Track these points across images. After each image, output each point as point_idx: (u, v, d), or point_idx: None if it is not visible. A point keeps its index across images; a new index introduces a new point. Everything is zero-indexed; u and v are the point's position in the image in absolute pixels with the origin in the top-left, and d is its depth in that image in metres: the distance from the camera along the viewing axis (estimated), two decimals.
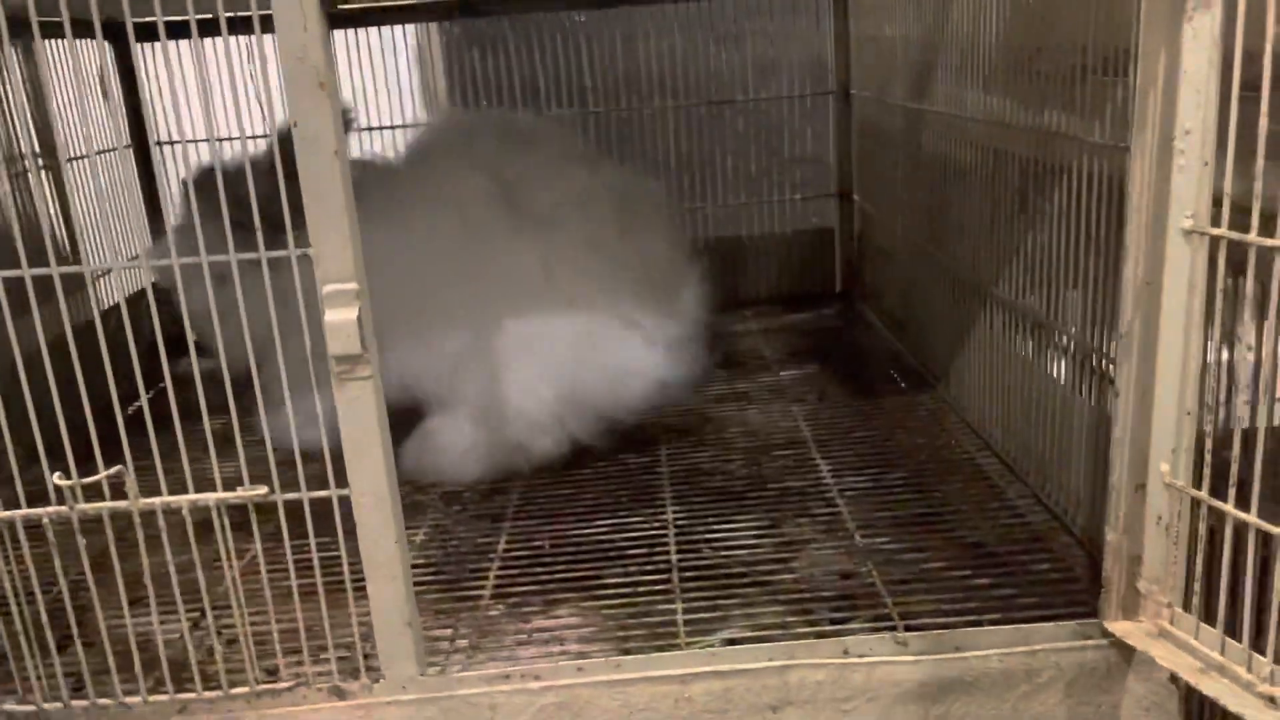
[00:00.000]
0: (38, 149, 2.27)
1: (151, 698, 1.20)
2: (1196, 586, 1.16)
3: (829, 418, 2.00)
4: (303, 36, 1.03)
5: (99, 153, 2.44)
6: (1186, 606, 1.17)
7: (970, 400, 1.89)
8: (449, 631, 1.36)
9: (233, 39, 1.05)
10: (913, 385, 2.13)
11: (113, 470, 1.11)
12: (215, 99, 1.08)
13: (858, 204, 2.75)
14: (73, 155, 2.31)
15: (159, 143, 2.64)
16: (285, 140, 1.07)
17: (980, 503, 1.61)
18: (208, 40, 1.05)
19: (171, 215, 2.38)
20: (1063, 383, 1.47)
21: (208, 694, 1.20)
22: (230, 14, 1.03)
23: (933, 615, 1.30)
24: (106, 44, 2.49)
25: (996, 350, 1.73)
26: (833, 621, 1.31)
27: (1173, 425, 1.14)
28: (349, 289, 1.09)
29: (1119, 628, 1.22)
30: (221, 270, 1.11)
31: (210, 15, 1.04)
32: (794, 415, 2.03)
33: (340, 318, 1.09)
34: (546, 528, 1.63)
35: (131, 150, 2.62)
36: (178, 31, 1.06)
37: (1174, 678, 1.18)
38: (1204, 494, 1.12)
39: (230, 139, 1.12)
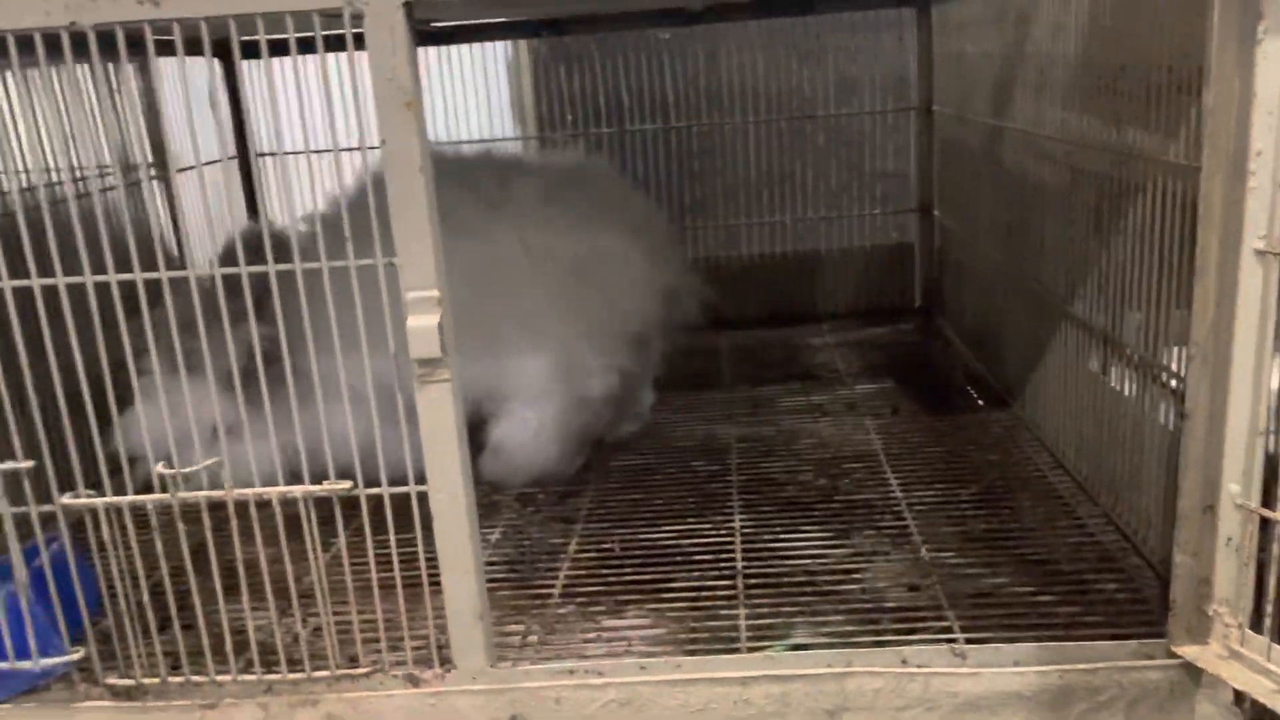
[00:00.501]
0: (150, 159, 2.41)
1: (241, 677, 1.28)
2: (1269, 608, 1.15)
3: (902, 432, 2.01)
4: (392, 59, 1.10)
5: (206, 164, 2.57)
6: (1257, 628, 1.16)
7: (1044, 418, 1.88)
8: (519, 627, 1.41)
9: (330, 57, 1.12)
10: (988, 402, 2.13)
11: (211, 461, 1.19)
12: (312, 114, 1.15)
13: (938, 219, 2.74)
14: (182, 166, 2.44)
15: (260, 155, 2.77)
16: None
17: (1050, 521, 1.60)
18: (290, 57, 1.13)
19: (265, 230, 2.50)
20: (1135, 403, 1.46)
21: (292, 676, 1.27)
22: (326, 33, 1.10)
23: (995, 630, 1.30)
24: (215, 61, 2.62)
25: (1071, 368, 1.72)
26: (895, 633, 1.32)
27: (1243, 446, 1.14)
28: (431, 296, 1.16)
29: (1187, 650, 1.21)
30: None
31: (310, 34, 1.11)
32: (867, 429, 2.04)
33: (422, 323, 1.15)
34: (616, 531, 1.68)
35: (235, 162, 2.75)
36: (279, 49, 1.14)
37: (1240, 699, 1.17)
38: (1276, 514, 1.11)
39: (325, 151, 1.19)
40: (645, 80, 2.72)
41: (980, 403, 2.14)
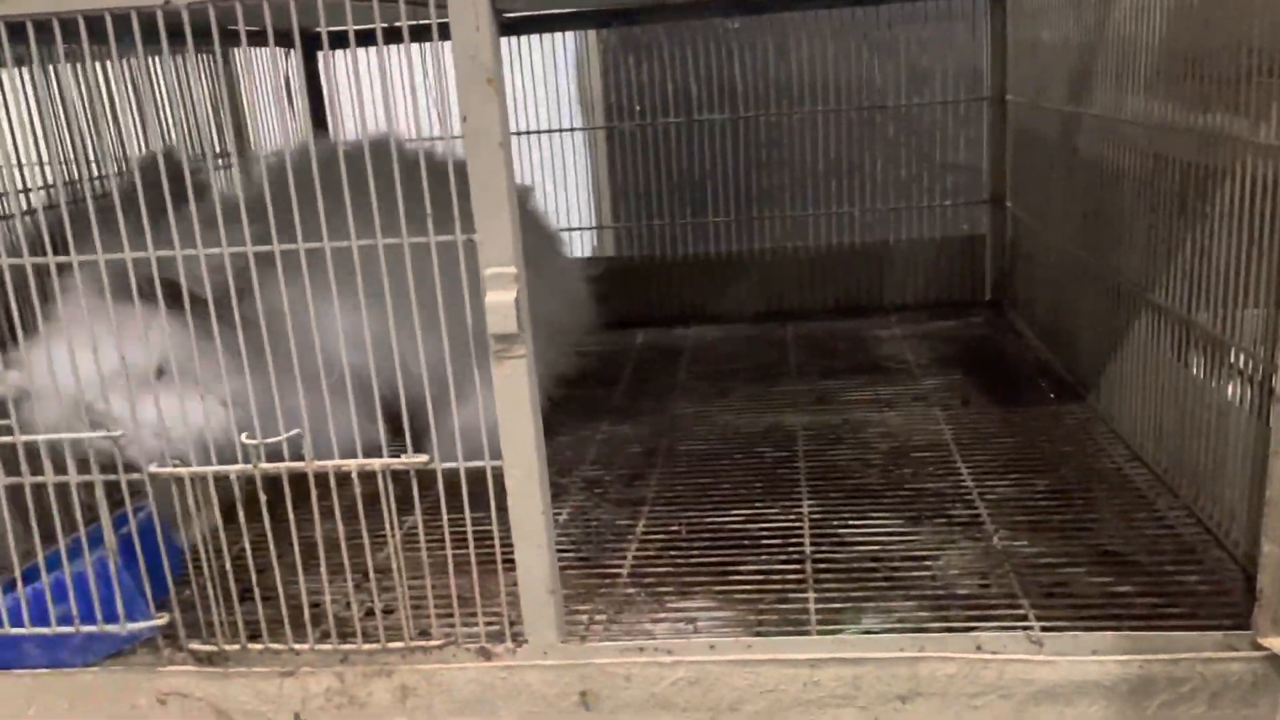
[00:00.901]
0: (233, 147, 2.47)
1: (318, 647, 1.30)
2: None
3: (972, 423, 1.98)
4: (475, 36, 1.11)
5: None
6: None
7: (1121, 410, 1.84)
8: (587, 607, 1.42)
9: (404, 46, 1.14)
10: (1061, 395, 2.09)
11: (292, 432, 1.22)
12: (393, 101, 1.17)
13: (1010, 210, 2.70)
14: (265, 153, 2.50)
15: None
16: None
17: (1127, 513, 1.57)
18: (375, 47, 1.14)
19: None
20: (1220, 393, 1.43)
21: (367, 646, 1.30)
22: (412, 22, 1.12)
23: (1071, 620, 1.28)
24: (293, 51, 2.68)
25: (1150, 359, 1.68)
26: (967, 619, 1.31)
27: None
28: (509, 272, 1.17)
29: (1273, 642, 1.18)
30: None
31: (396, 24, 1.13)
32: (936, 419, 2.02)
33: (500, 299, 1.16)
34: (683, 514, 1.68)
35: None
36: (355, 39, 1.15)
37: None
38: None
39: (408, 140, 1.21)
40: (714, 70, 2.71)
41: (1053, 395, 2.10)
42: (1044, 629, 1.25)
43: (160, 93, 2.03)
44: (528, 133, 2.77)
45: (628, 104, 2.78)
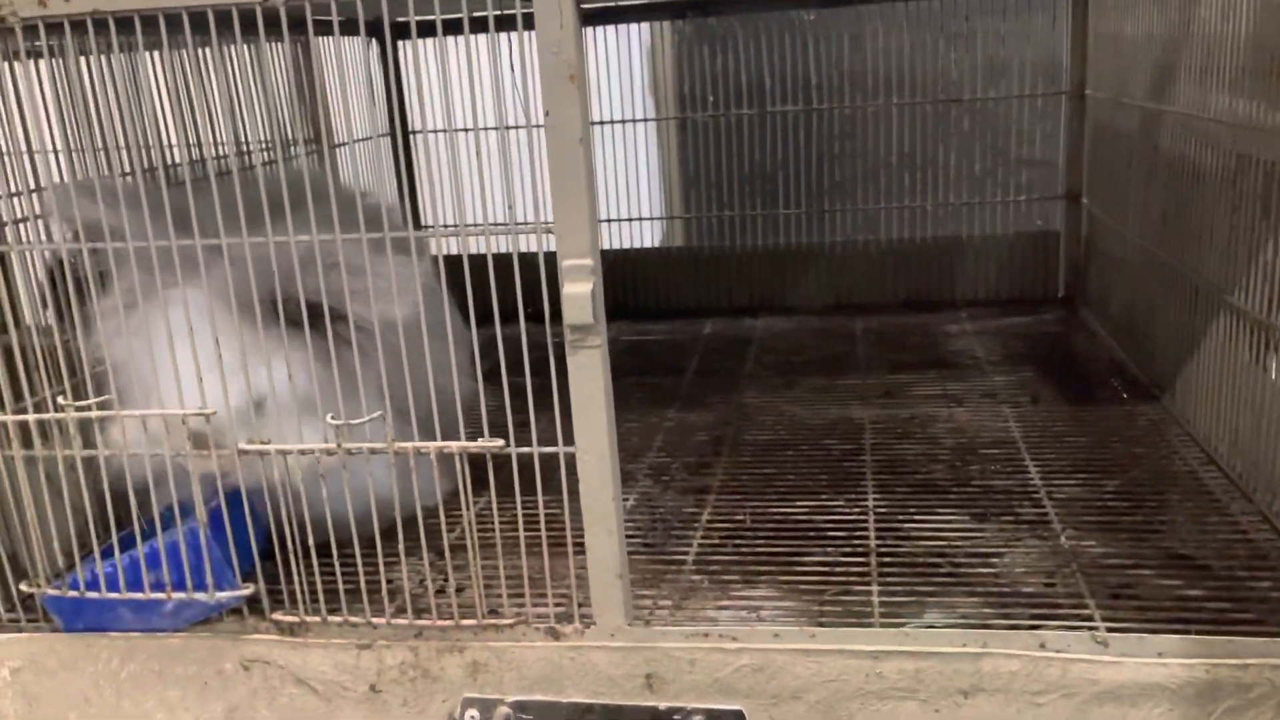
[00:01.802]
0: (310, 135, 2.53)
1: (394, 621, 1.35)
2: None
3: (1042, 421, 1.97)
4: (558, 33, 1.14)
5: (360, 140, 2.69)
6: None
7: (1196, 412, 1.81)
8: (652, 592, 1.45)
9: (480, 36, 1.17)
10: (1135, 395, 2.06)
11: (375, 415, 1.26)
12: (471, 92, 1.20)
13: (1086, 207, 2.66)
14: (339, 141, 2.56)
15: (413, 132, 2.88)
16: None
17: (1199, 516, 1.55)
18: (450, 38, 1.17)
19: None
20: None
21: (441, 622, 1.34)
22: (499, 12, 1.15)
23: (1138, 622, 1.28)
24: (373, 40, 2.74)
25: (1227, 362, 1.66)
26: (1031, 618, 1.31)
27: None
28: (585, 264, 1.20)
29: None
30: None
31: (483, 14, 1.16)
32: (1005, 417, 2.01)
33: (577, 290, 1.19)
34: (749, 504, 1.70)
35: (390, 138, 2.86)
36: (429, 30, 1.18)
37: None
38: None
39: (485, 129, 1.24)
40: (788, 62, 2.71)
41: (1125, 395, 2.08)
42: (1109, 630, 1.25)
43: (257, 83, 2.11)
44: (599, 123, 2.80)
45: (700, 95, 2.80)
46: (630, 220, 2.90)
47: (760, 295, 2.87)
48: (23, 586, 1.41)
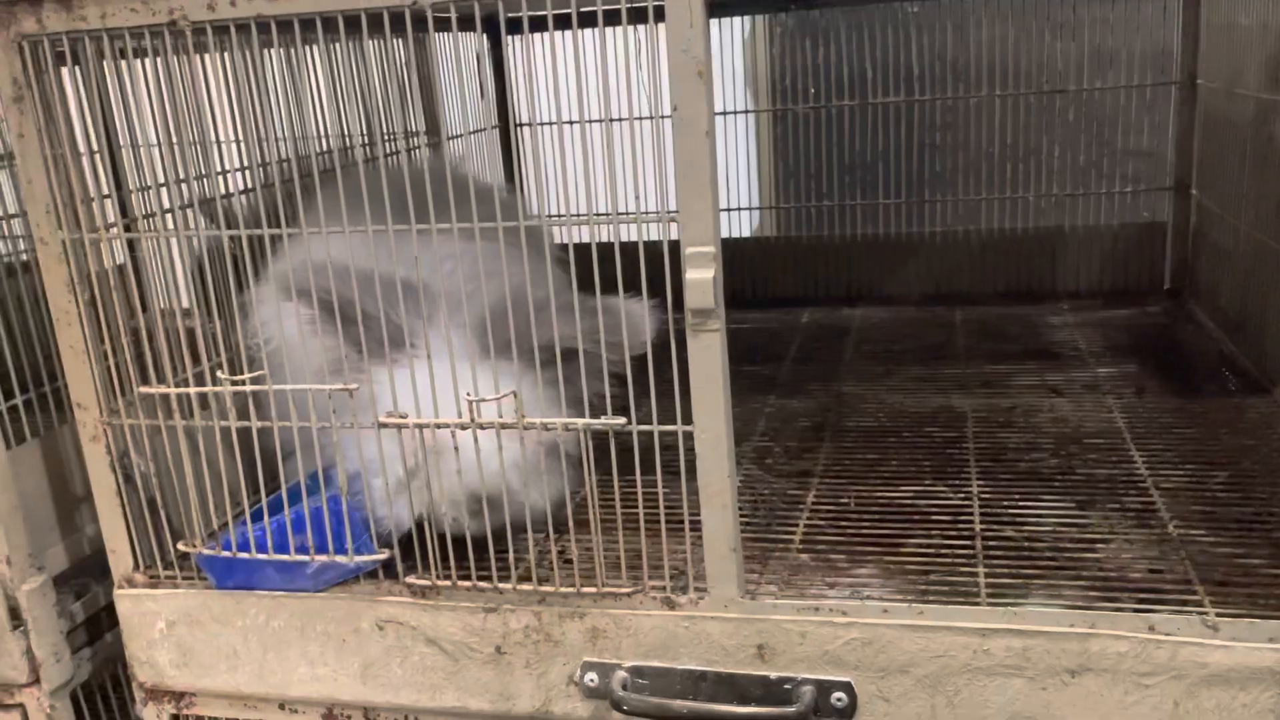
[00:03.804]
0: (423, 128, 2.64)
1: (519, 587, 1.43)
2: None
3: (1148, 413, 1.97)
4: (688, 31, 1.20)
5: (472, 132, 2.80)
6: None
7: None
8: (759, 568, 1.51)
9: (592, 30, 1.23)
10: (1245, 388, 2.05)
11: (507, 393, 1.34)
12: (604, 84, 1.27)
13: (1195, 198, 2.63)
14: (451, 134, 2.67)
15: (518, 125, 2.97)
16: None
17: None
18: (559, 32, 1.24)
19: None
20: None
21: (563, 590, 1.42)
22: (630, 4, 1.21)
23: (1248, 609, 1.29)
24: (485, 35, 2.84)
25: None
26: (1138, 603, 1.33)
27: None
28: (708, 251, 1.26)
29: None
30: None
31: (614, 6, 1.22)
32: (1109, 408, 2.01)
33: (699, 276, 1.25)
34: (853, 487, 1.74)
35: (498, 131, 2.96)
36: (540, 23, 1.25)
37: None
38: None
39: (593, 121, 1.29)
40: (890, 53, 2.73)
41: (1235, 388, 2.06)
42: (1219, 615, 1.27)
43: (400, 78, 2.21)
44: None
45: (801, 86, 2.83)
46: (729, 210, 2.95)
47: (858, 285, 2.89)
48: (180, 546, 1.53)
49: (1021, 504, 1.63)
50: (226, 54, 1.48)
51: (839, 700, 1.35)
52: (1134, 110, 2.67)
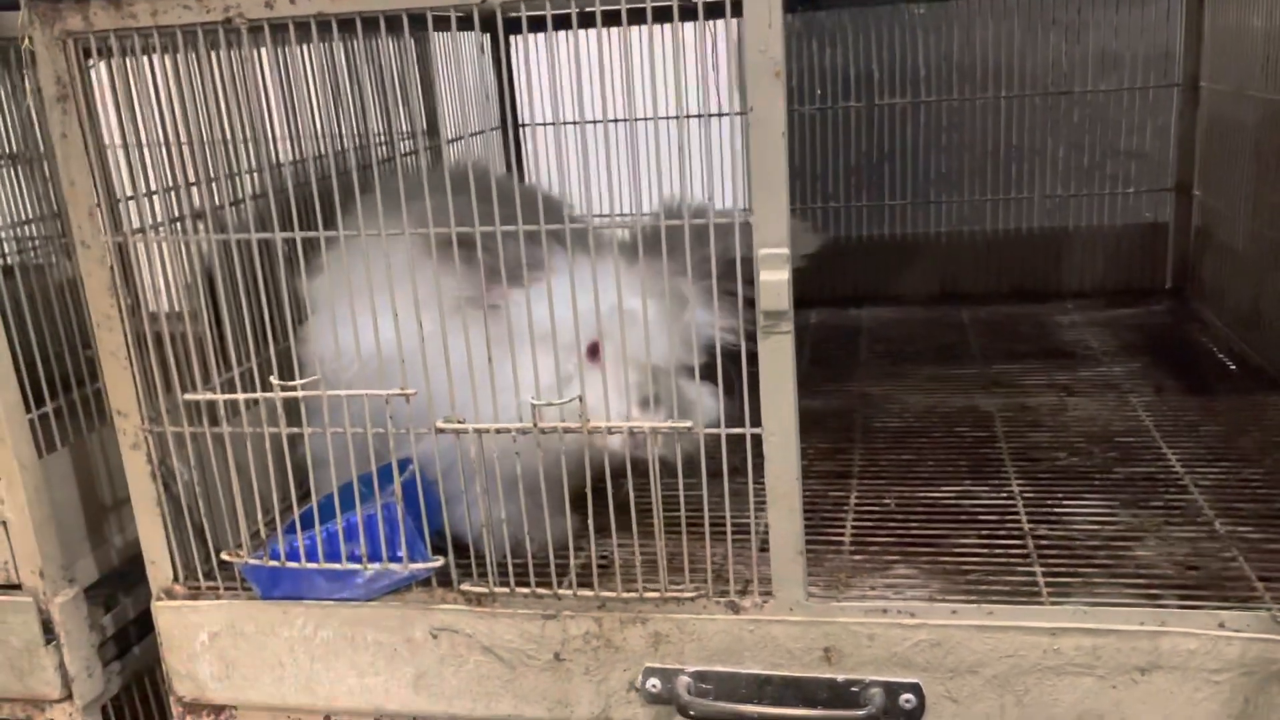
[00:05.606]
0: (423, 129, 2.60)
1: (579, 593, 1.41)
2: None
3: (1172, 411, 1.99)
4: (767, 33, 1.19)
5: (474, 134, 2.76)
6: None
7: None
8: (816, 570, 1.50)
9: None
10: (1261, 386, 2.08)
11: (573, 398, 1.32)
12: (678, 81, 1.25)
13: (1198, 198, 2.67)
14: (452, 136, 2.63)
15: (522, 125, 2.94)
16: None
17: None
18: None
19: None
20: None
21: (624, 595, 1.40)
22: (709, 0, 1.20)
23: None
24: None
25: None
26: (1199, 598, 1.35)
27: None
28: (781, 253, 1.25)
29: None
30: None
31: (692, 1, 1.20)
32: (1132, 406, 2.03)
33: (773, 278, 1.24)
34: (894, 488, 1.75)
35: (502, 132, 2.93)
36: (539, 25, 1.23)
37: None
38: None
39: (593, 122, 1.27)
40: (897, 54, 2.74)
41: (1250, 385, 2.10)
42: None
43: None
44: (702, 116, 2.84)
45: (807, 87, 2.83)
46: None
47: (864, 285, 2.90)
48: (223, 555, 1.49)
49: (1066, 503, 1.64)
50: (265, 50, 1.44)
51: (907, 702, 1.35)
52: (1137, 112, 2.71)
